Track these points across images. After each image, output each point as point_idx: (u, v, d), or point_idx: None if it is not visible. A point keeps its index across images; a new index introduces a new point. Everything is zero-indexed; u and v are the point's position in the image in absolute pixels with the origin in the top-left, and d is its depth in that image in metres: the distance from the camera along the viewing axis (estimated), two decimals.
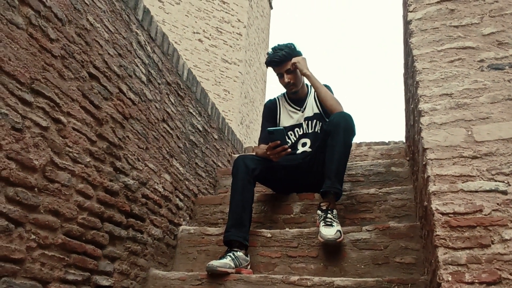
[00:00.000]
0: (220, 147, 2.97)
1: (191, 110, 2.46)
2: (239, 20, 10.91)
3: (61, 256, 1.28)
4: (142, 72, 1.91)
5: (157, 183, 1.96)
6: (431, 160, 1.17)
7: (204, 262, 1.91)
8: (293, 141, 2.30)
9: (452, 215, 1.09)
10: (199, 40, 10.13)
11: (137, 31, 1.90)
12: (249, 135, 10.66)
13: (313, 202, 2.18)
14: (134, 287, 1.68)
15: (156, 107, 2.02)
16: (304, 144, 2.29)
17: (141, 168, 1.81)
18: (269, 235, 1.96)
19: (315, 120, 2.30)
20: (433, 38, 1.36)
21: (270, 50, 2.29)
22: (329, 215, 1.83)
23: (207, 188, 2.63)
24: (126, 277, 1.63)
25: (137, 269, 1.71)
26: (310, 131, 2.30)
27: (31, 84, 1.23)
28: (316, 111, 2.31)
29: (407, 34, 1.49)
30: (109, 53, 1.65)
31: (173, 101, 2.22)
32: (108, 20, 1.67)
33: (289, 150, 2.04)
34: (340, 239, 1.74)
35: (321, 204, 1.91)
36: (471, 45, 1.30)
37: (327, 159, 1.94)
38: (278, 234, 1.95)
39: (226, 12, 10.80)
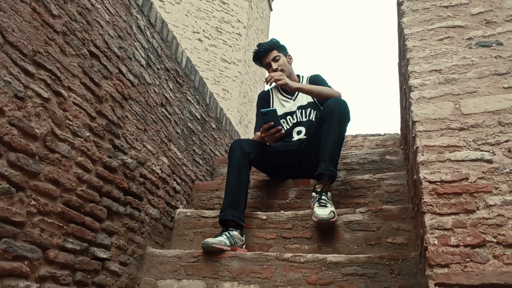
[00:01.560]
0: (218, 137, 3.01)
1: (189, 98, 2.50)
2: (238, 21, 10.97)
3: (60, 224, 1.32)
4: (141, 56, 1.95)
5: (155, 165, 1.99)
6: (420, 132, 1.21)
7: (200, 243, 1.94)
8: (285, 128, 2.34)
9: (439, 183, 1.12)
10: (199, 39, 10.18)
11: (137, 15, 1.94)
12: (247, 134, 10.69)
13: (308, 188, 2.22)
14: (131, 262, 1.71)
15: (155, 91, 2.06)
16: (299, 132, 2.34)
17: (139, 148, 1.85)
18: (264, 217, 1.99)
19: (309, 109, 2.35)
20: (424, 18, 1.40)
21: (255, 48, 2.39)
22: (323, 197, 1.86)
23: (204, 175, 2.67)
24: (124, 252, 1.66)
25: (134, 245, 1.74)
26: (304, 119, 2.34)
27: (34, 56, 1.27)
28: (310, 100, 2.36)
29: (399, 15, 1.53)
30: (109, 34, 1.69)
31: (171, 87, 2.26)
32: (109, 2, 1.71)
33: (283, 131, 2.09)
34: (334, 219, 1.78)
35: (316, 187, 1.94)
36: (460, 24, 1.34)
37: (322, 143, 1.97)
38: (273, 216, 1.98)
39: (226, 13, 10.87)
